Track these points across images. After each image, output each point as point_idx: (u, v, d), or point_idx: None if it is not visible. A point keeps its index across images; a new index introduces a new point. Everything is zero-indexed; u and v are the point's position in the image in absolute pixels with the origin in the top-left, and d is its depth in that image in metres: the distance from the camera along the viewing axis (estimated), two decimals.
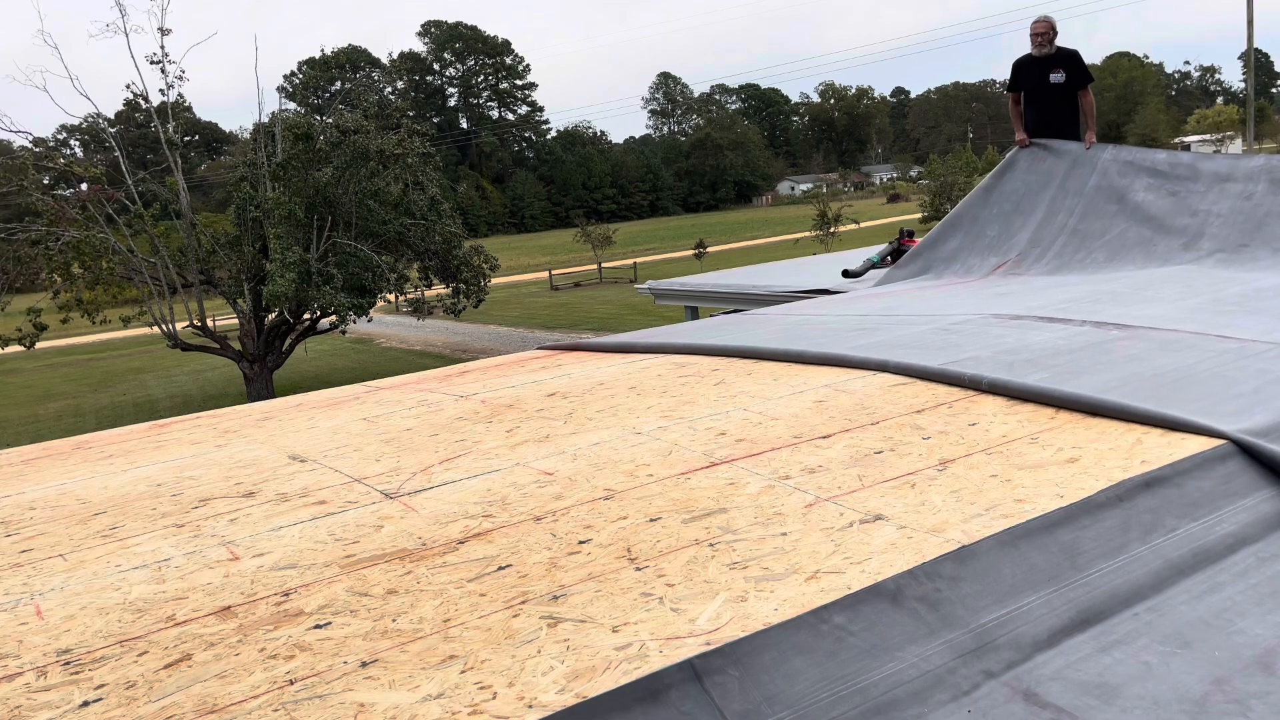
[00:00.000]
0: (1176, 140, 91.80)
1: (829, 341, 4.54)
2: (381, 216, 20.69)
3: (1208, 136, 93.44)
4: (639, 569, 2.15)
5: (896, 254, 8.84)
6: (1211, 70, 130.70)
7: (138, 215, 19.87)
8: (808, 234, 44.68)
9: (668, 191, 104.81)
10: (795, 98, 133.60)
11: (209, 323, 20.59)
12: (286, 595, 2.18)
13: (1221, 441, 2.63)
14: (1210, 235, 6.34)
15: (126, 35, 19.97)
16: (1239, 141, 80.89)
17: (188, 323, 20.21)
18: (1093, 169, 7.16)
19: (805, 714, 1.68)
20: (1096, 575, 2.10)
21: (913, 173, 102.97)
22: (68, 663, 1.93)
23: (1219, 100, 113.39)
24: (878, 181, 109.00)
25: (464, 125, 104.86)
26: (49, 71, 31.43)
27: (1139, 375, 3.33)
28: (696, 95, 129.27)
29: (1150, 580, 2.11)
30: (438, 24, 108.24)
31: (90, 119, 27.53)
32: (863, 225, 44.86)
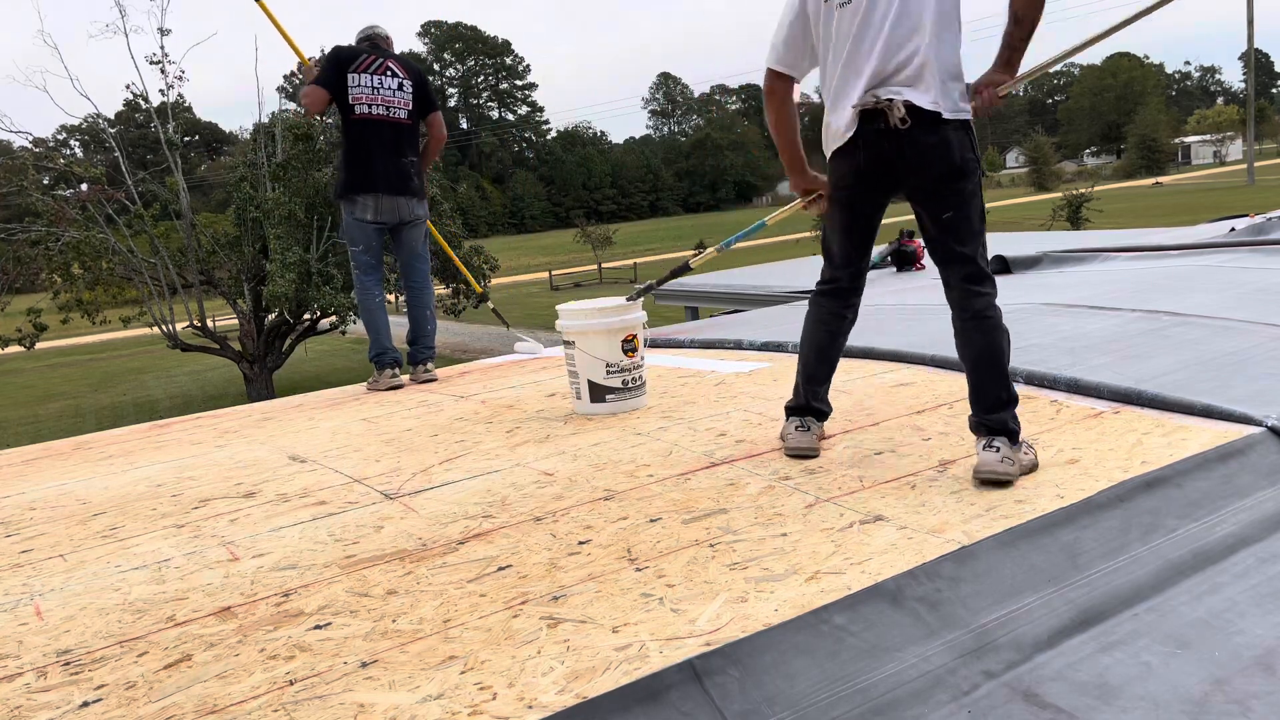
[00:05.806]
0: (1177, 140, 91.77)
1: (888, 331, 4.54)
2: None
3: (1208, 136, 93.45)
4: (639, 569, 2.15)
5: (897, 254, 8.84)
6: (1211, 70, 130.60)
7: (138, 215, 19.83)
8: (808, 234, 44.64)
9: (668, 191, 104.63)
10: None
11: (209, 323, 20.55)
12: (286, 596, 2.18)
13: (1225, 440, 2.63)
14: None
15: (126, 35, 19.92)
16: (1239, 141, 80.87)
17: (188, 323, 20.18)
18: None
19: (805, 714, 1.68)
20: (1097, 575, 2.10)
21: None
22: (68, 663, 1.93)
23: (1219, 100, 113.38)
24: None
25: (464, 125, 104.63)
26: (49, 72, 31.40)
27: (1199, 359, 3.44)
28: (696, 95, 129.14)
29: (1150, 580, 2.11)
30: (438, 24, 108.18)
31: (90, 119, 27.49)
32: None
